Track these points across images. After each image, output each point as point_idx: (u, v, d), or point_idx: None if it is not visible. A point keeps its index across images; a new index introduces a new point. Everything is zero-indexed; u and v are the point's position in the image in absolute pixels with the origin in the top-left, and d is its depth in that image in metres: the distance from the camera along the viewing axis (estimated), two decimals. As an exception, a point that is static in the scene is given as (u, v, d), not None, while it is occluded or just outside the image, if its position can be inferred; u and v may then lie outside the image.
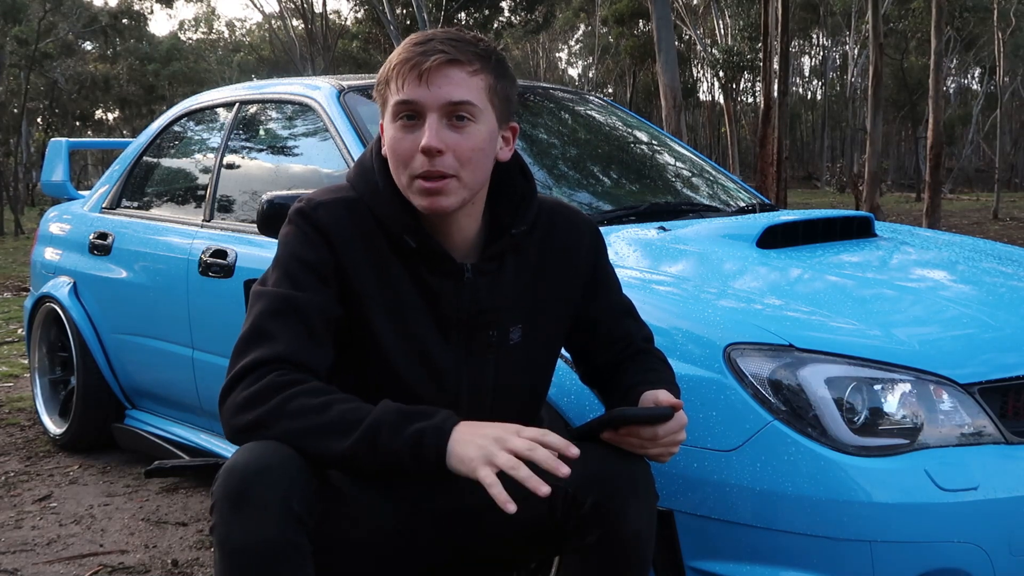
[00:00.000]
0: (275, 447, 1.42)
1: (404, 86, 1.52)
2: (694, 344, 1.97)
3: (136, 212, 3.86)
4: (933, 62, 14.45)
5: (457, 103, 1.52)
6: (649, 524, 1.57)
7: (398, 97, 1.53)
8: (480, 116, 1.54)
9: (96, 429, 3.93)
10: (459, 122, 1.52)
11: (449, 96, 1.51)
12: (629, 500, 1.54)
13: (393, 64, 1.55)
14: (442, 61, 1.51)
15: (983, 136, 37.91)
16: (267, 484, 1.38)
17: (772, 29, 12.73)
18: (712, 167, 3.63)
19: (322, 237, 1.56)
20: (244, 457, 1.41)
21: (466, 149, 1.53)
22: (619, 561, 1.54)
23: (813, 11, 37.33)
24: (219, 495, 1.40)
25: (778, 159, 11.91)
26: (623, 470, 1.56)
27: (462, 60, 1.52)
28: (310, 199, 1.61)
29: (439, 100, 1.51)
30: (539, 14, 29.86)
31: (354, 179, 1.64)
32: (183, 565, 2.88)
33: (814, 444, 1.81)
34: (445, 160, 1.51)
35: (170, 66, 36.64)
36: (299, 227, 1.58)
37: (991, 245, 2.98)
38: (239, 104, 3.57)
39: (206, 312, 3.20)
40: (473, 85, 1.53)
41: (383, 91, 1.58)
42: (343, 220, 1.58)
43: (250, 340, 1.52)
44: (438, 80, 1.51)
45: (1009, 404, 1.93)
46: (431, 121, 1.51)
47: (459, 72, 1.52)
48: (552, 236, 1.70)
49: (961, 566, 1.77)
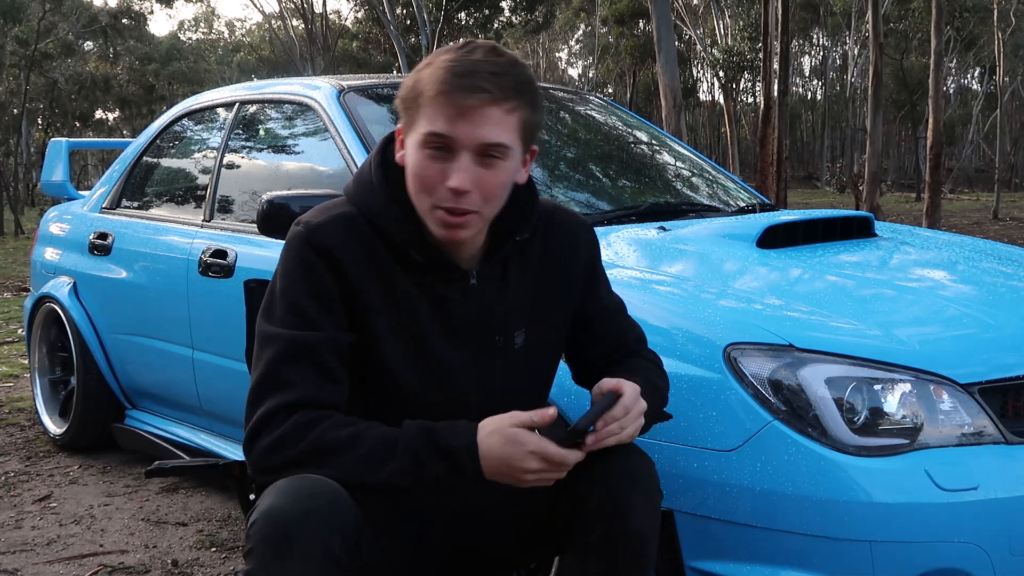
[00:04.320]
0: (311, 487, 1.41)
1: (440, 118, 1.47)
2: (694, 344, 1.97)
3: (136, 212, 3.86)
4: (933, 62, 14.46)
5: (492, 145, 1.49)
6: (653, 521, 1.57)
7: (432, 129, 1.48)
8: (509, 154, 1.51)
9: (96, 429, 3.92)
10: (489, 160, 1.50)
11: (486, 138, 1.48)
12: (633, 497, 1.54)
13: (431, 89, 1.48)
14: (485, 102, 1.47)
15: (983, 136, 37.92)
16: (308, 531, 1.37)
17: (772, 29, 12.73)
18: (712, 167, 3.63)
19: (324, 261, 1.54)
20: (282, 502, 1.39)
21: (492, 186, 1.51)
22: (622, 558, 1.54)
23: (813, 11, 37.33)
24: (258, 540, 1.38)
25: (778, 159, 11.91)
26: (628, 467, 1.56)
27: (502, 99, 1.48)
28: (308, 221, 1.57)
29: (476, 141, 1.47)
30: (539, 14, 29.85)
31: (353, 194, 1.61)
32: (183, 565, 2.88)
33: (814, 444, 1.81)
34: (470, 198, 1.50)
35: (170, 66, 36.65)
36: (299, 253, 1.55)
37: (991, 245, 2.98)
38: (239, 104, 3.57)
39: (206, 312, 3.20)
40: (509, 124, 1.50)
41: (411, 106, 1.52)
42: (345, 239, 1.55)
43: (266, 387, 1.52)
44: (477, 120, 1.47)
45: (1009, 404, 1.93)
46: (464, 162, 1.48)
47: (497, 111, 1.48)
48: (552, 239, 1.70)
49: (961, 566, 1.77)
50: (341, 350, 1.55)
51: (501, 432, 1.45)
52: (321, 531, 1.37)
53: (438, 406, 1.59)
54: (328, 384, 1.53)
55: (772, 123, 12.00)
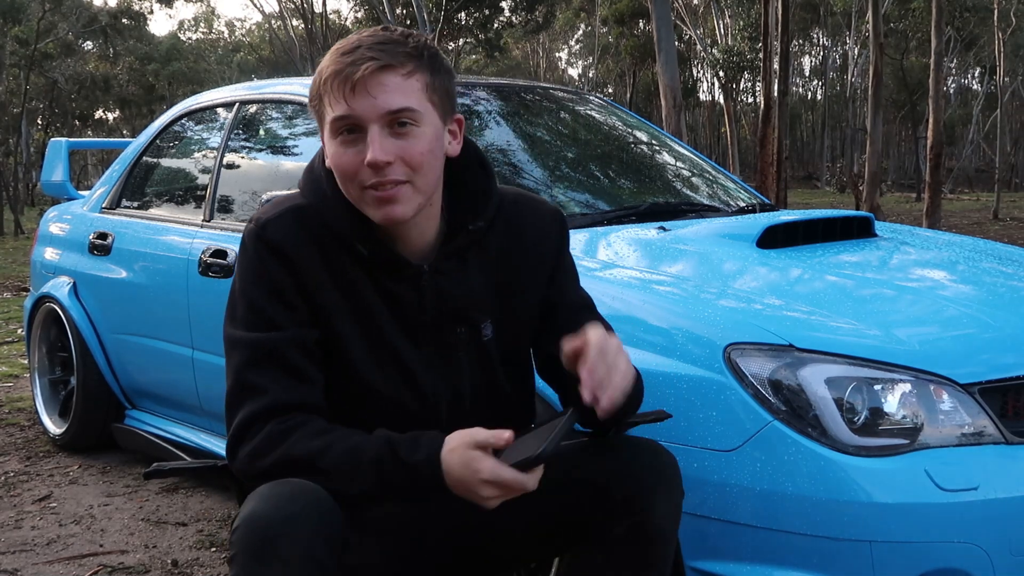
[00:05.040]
0: (292, 492, 1.41)
1: (338, 101, 1.47)
2: (694, 344, 1.97)
3: (136, 212, 3.86)
4: (933, 62, 14.45)
5: (397, 111, 1.47)
6: (675, 518, 1.57)
7: (335, 113, 1.48)
8: (422, 119, 1.49)
9: (96, 429, 3.92)
10: (401, 128, 1.48)
11: (387, 105, 1.46)
12: (658, 493, 1.54)
13: (323, 78, 1.49)
14: (374, 69, 1.45)
15: (983, 136, 37.91)
16: (290, 536, 1.36)
17: (772, 29, 12.73)
18: (712, 167, 3.63)
19: (276, 256, 1.53)
20: (264, 507, 1.39)
21: (415, 155, 1.49)
22: (644, 554, 1.54)
23: (813, 11, 37.32)
24: (241, 547, 1.37)
25: (778, 159, 11.90)
26: (653, 464, 1.56)
27: (394, 64, 1.46)
28: (258, 218, 1.57)
29: (378, 111, 1.46)
30: (539, 14, 29.85)
31: (304, 187, 1.61)
32: (183, 565, 2.88)
33: (814, 444, 1.81)
34: (394, 169, 1.48)
35: (170, 66, 36.62)
36: (251, 250, 1.55)
37: (991, 245, 2.98)
38: (239, 104, 3.57)
39: (206, 312, 3.20)
40: (410, 88, 1.48)
41: (317, 106, 1.52)
42: (295, 233, 1.54)
43: (239, 395, 1.53)
44: (373, 90, 1.45)
45: (1009, 404, 1.93)
46: (373, 134, 1.46)
47: (393, 77, 1.46)
48: (517, 227, 1.67)
49: (961, 566, 1.77)
50: (307, 347, 1.54)
51: (460, 452, 1.42)
52: (304, 535, 1.37)
53: (408, 404, 1.59)
54: (299, 384, 1.52)
55: (772, 123, 12.00)
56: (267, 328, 1.53)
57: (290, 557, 1.36)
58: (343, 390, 1.59)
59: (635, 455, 1.55)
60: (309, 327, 1.55)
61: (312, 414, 1.52)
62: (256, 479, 1.49)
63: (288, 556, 1.36)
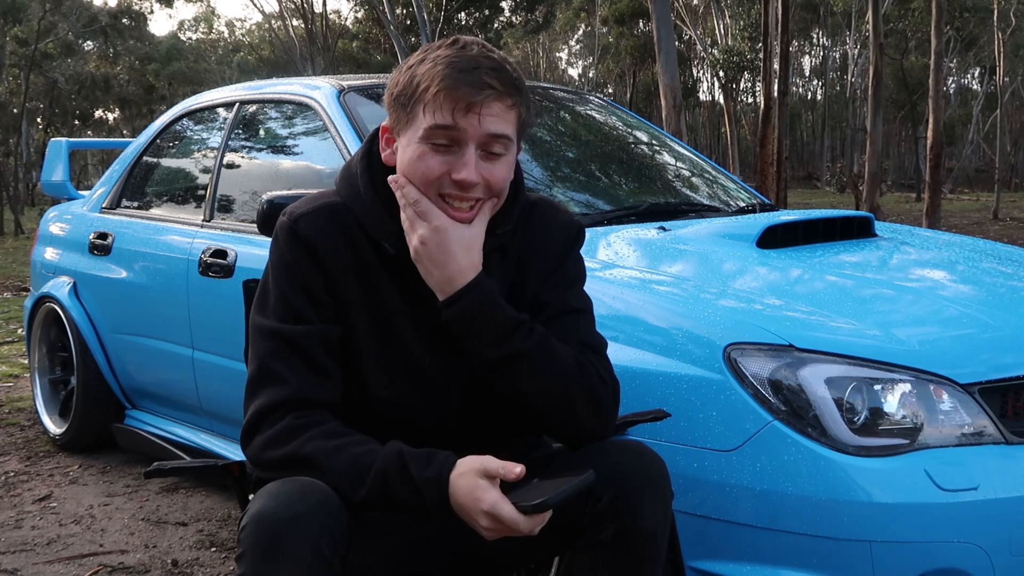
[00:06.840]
0: (301, 490, 1.42)
1: (444, 113, 1.50)
2: (694, 344, 1.97)
3: (136, 212, 3.86)
4: (933, 62, 14.45)
5: (496, 136, 1.52)
6: (664, 520, 1.57)
7: (435, 121, 1.50)
8: (510, 147, 1.56)
9: (96, 429, 3.93)
10: (492, 152, 1.53)
11: (490, 129, 1.51)
12: (645, 496, 1.54)
13: (432, 88, 1.50)
14: (491, 97, 1.50)
15: (983, 136, 37.91)
16: (298, 534, 1.37)
17: (772, 29, 12.72)
18: (712, 167, 3.63)
19: (306, 250, 1.56)
20: (272, 504, 1.40)
21: (498, 179, 1.55)
22: (633, 556, 1.54)
23: (813, 11, 37.32)
24: (249, 544, 1.39)
25: (778, 159, 11.90)
26: (640, 466, 1.56)
27: (505, 95, 1.52)
28: (292, 211, 1.60)
29: (481, 133, 1.51)
30: (539, 14, 29.87)
31: (340, 184, 1.64)
32: (183, 565, 2.88)
33: (814, 444, 1.81)
34: (477, 189, 1.53)
35: (170, 66, 36.61)
36: (283, 243, 1.58)
37: (991, 245, 2.98)
38: (239, 104, 3.57)
39: (206, 312, 3.20)
40: (510, 119, 1.54)
41: (407, 103, 1.54)
42: (326, 228, 1.57)
43: (260, 382, 1.55)
44: (483, 113, 1.50)
45: (1009, 404, 1.93)
46: (470, 154, 1.51)
47: (500, 106, 1.52)
48: (532, 231, 1.70)
49: (961, 566, 1.77)
50: (331, 344, 1.57)
51: (468, 478, 1.43)
52: (311, 533, 1.38)
53: (413, 405, 1.60)
54: (319, 380, 1.55)
55: (772, 123, 11.99)
56: (295, 321, 1.56)
57: (297, 555, 1.37)
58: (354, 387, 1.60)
59: (621, 458, 1.55)
60: (334, 323, 1.58)
61: (329, 413, 1.55)
62: (264, 468, 1.52)
63: (295, 554, 1.37)
